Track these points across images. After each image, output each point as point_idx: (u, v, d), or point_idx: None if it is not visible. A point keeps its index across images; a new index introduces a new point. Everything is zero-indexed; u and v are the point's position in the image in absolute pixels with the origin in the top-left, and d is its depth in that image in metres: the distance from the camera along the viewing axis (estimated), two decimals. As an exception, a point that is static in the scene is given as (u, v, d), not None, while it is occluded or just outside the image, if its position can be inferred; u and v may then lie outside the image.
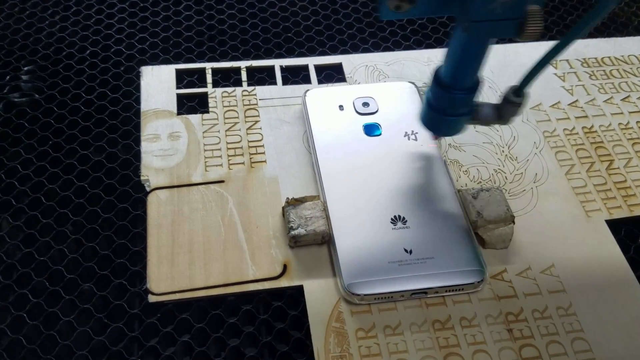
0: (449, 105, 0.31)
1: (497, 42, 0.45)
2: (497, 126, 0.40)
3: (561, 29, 0.48)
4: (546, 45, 0.28)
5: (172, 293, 0.31)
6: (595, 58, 0.45)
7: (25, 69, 0.42)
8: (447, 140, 0.39)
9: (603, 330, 0.31)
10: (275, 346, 0.30)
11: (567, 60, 0.45)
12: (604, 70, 0.45)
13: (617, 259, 0.34)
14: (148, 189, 0.36)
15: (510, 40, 0.46)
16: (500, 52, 0.45)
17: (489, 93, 0.42)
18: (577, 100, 0.42)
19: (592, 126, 0.41)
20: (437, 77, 0.31)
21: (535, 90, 0.43)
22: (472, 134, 0.40)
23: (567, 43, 0.26)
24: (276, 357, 0.30)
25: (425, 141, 0.37)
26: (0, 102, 0.40)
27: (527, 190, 0.37)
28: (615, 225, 0.35)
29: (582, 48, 0.46)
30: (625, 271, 0.33)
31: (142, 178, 0.36)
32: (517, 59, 0.44)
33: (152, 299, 0.31)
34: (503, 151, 0.39)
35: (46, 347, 0.30)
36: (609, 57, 0.46)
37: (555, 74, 0.44)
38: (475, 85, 0.30)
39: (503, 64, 0.44)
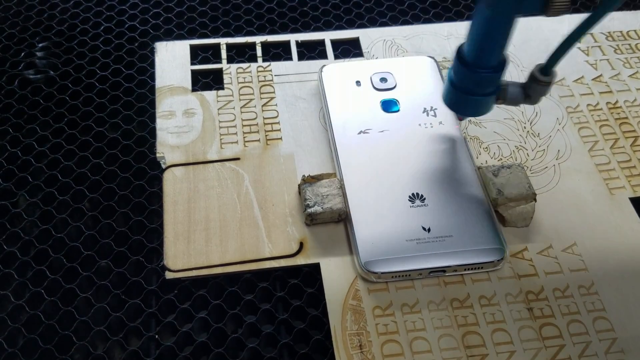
0: (474, 85, 0.30)
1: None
2: (518, 102, 0.39)
3: (585, 1, 0.47)
4: (570, 19, 0.26)
5: (189, 270, 0.31)
6: (621, 31, 0.44)
7: (40, 45, 0.42)
8: (466, 116, 0.38)
9: (626, 309, 0.30)
10: (292, 323, 0.30)
11: (591, 34, 0.44)
12: (629, 44, 0.43)
13: (642, 237, 0.33)
14: (164, 166, 0.35)
15: (533, 13, 0.44)
16: (523, 26, 0.43)
17: (511, 67, 0.41)
18: (601, 75, 0.41)
19: (616, 101, 0.40)
20: (460, 55, 0.29)
21: (558, 65, 0.41)
22: (492, 110, 0.38)
23: (599, 16, 0.24)
24: (293, 334, 0.30)
25: (444, 117, 0.36)
26: (16, 79, 0.40)
27: (549, 167, 0.36)
28: (639, 203, 0.35)
29: (607, 21, 0.45)
30: (650, 250, 0.33)
31: (157, 155, 0.36)
32: (540, 33, 0.43)
33: (169, 275, 0.31)
34: (525, 127, 0.38)
35: (64, 322, 0.30)
36: (634, 31, 0.44)
37: (579, 47, 0.43)
38: (501, 63, 0.29)
39: (525, 37, 0.43)
